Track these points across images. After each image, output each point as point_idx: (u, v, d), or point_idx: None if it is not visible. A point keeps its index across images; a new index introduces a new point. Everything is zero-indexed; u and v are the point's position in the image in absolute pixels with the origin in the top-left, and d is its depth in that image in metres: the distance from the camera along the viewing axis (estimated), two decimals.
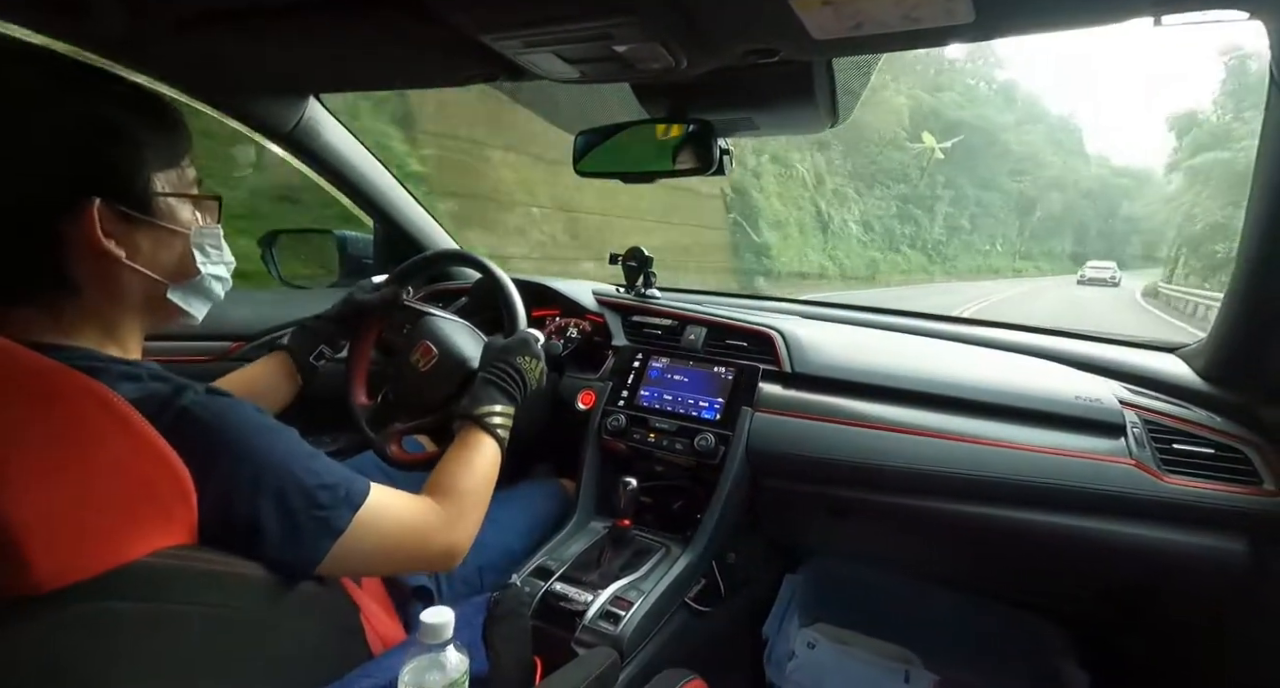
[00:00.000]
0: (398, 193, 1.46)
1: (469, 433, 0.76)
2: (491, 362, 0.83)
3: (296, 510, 0.55)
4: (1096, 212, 51.62)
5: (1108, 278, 26.14)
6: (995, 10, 0.58)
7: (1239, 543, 0.84)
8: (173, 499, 0.50)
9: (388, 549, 0.62)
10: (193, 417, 0.53)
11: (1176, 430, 0.91)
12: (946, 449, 0.96)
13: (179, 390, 0.54)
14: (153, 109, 0.58)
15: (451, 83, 0.97)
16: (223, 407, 0.55)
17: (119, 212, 0.53)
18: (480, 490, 0.73)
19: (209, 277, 0.62)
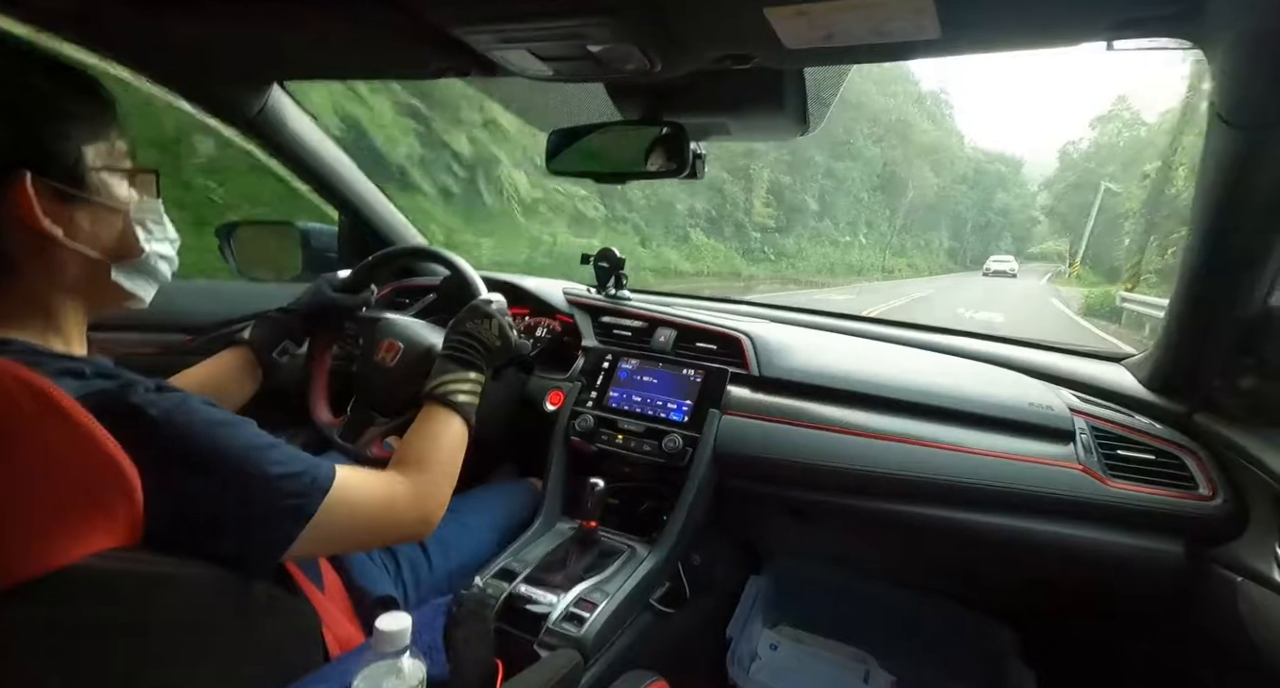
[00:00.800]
0: (363, 185, 1.43)
1: (428, 409, 0.76)
2: (447, 337, 0.83)
3: (261, 502, 0.54)
4: (973, 200, 44.43)
5: (1009, 271, 29.70)
6: (959, 29, 0.60)
7: (1176, 544, 0.88)
8: (116, 498, 0.47)
9: (359, 527, 0.62)
10: (143, 415, 0.50)
11: (1121, 437, 0.95)
12: (906, 453, 0.98)
13: (127, 387, 0.51)
14: (73, 79, 0.55)
15: (423, 76, 0.95)
16: (174, 403, 0.52)
17: (52, 188, 0.51)
18: (447, 461, 0.73)
19: (154, 255, 0.60)
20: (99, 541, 0.46)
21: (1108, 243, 25.33)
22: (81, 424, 0.46)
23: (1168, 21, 0.57)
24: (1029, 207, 51.36)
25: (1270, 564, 0.75)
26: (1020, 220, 51.38)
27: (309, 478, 0.57)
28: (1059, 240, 44.12)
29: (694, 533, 1.06)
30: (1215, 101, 0.64)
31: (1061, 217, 41.10)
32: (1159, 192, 19.10)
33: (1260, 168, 0.67)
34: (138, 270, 0.60)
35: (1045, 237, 49.76)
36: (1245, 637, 0.77)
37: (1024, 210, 50.71)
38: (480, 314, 0.85)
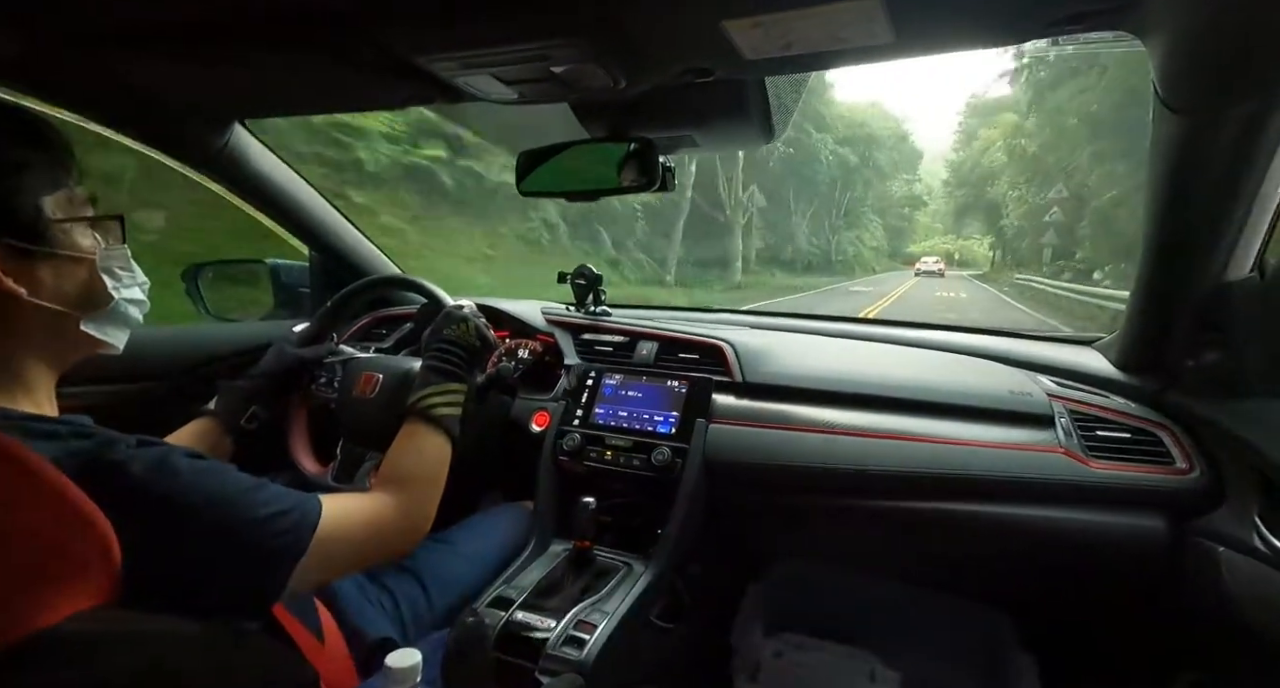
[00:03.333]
0: (334, 219, 1.41)
1: (410, 425, 0.76)
2: (426, 348, 0.83)
3: (253, 545, 0.53)
4: (878, 193, 35.53)
5: (938, 271, 29.33)
6: (911, 32, 0.62)
7: (1158, 520, 0.90)
8: (92, 559, 0.46)
9: (350, 555, 0.63)
10: (125, 472, 0.49)
11: (1098, 419, 0.98)
12: (893, 449, 0.99)
13: (106, 445, 0.50)
14: (26, 127, 0.53)
15: (388, 106, 0.95)
16: (157, 457, 0.51)
17: (10, 245, 0.49)
18: (429, 474, 0.73)
19: (123, 302, 0.59)
20: (75, 602, 0.44)
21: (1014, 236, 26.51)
22: (52, 485, 0.44)
23: (1109, 15, 0.59)
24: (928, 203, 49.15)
25: (1249, 532, 0.77)
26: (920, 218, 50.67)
27: (298, 514, 0.56)
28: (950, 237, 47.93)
29: (689, 545, 1.06)
30: (1158, 89, 0.67)
31: (975, 214, 37.69)
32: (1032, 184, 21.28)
33: (1204, 150, 0.70)
34: (108, 319, 0.58)
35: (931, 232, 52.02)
36: (1230, 605, 0.78)
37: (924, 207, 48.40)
38: (455, 319, 0.85)
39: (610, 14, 0.60)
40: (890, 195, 39.04)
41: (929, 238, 53.64)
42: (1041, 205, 20.15)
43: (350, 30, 0.64)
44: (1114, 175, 14.89)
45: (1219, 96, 0.64)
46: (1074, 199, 17.84)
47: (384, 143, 8.61)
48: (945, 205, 44.96)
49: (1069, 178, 18.46)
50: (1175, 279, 0.87)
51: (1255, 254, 0.79)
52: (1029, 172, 22.81)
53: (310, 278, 1.49)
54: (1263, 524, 0.76)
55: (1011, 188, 25.98)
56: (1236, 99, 0.63)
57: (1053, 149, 20.45)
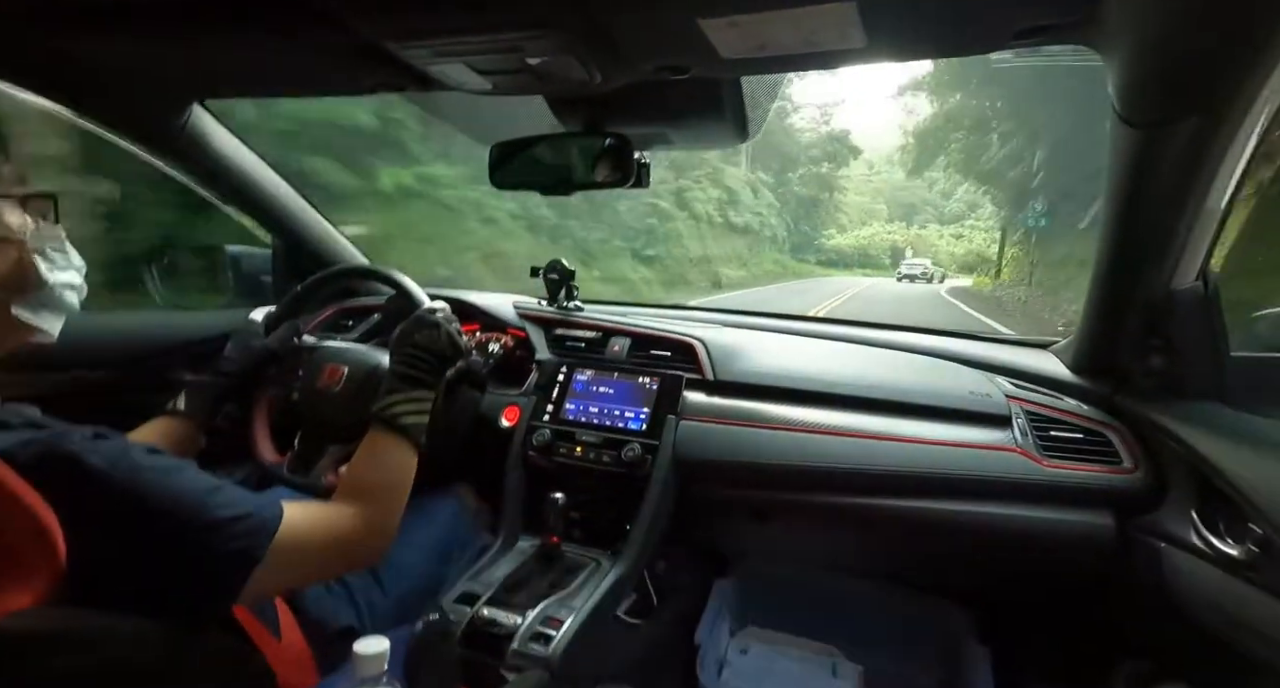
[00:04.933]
0: (298, 206, 1.37)
1: (374, 434, 0.73)
2: (393, 352, 0.80)
3: (210, 548, 0.51)
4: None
5: (920, 273, 23.04)
6: (883, 38, 0.63)
7: (1106, 517, 0.94)
8: (34, 555, 0.44)
9: (308, 562, 0.61)
10: (81, 464, 0.47)
11: (1052, 419, 1.01)
12: (859, 447, 1.01)
13: (62, 437, 0.48)
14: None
15: (355, 91, 0.93)
16: (116, 451, 0.50)
17: None
18: (394, 485, 0.71)
19: (58, 286, 0.56)
20: (15, 600, 0.42)
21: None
22: None
23: (1070, 29, 0.61)
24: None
25: (1188, 530, 0.81)
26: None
27: (257, 520, 0.55)
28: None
29: (658, 541, 1.06)
30: (1114, 103, 0.70)
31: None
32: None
33: (1158, 163, 0.73)
34: (40, 303, 0.56)
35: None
36: (1170, 598, 0.82)
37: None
38: (427, 324, 0.82)
39: (587, 8, 0.59)
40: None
41: (865, 226, 36.81)
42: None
43: (317, 11, 0.62)
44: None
45: (1169, 111, 0.67)
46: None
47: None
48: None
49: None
50: (1126, 286, 0.90)
51: (1199, 263, 0.83)
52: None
53: (273, 266, 1.44)
54: (1199, 522, 0.80)
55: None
56: (1184, 114, 0.66)
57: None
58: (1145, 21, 0.57)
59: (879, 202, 41.25)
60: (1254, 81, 0.60)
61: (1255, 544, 0.68)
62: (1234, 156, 0.69)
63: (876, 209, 40.73)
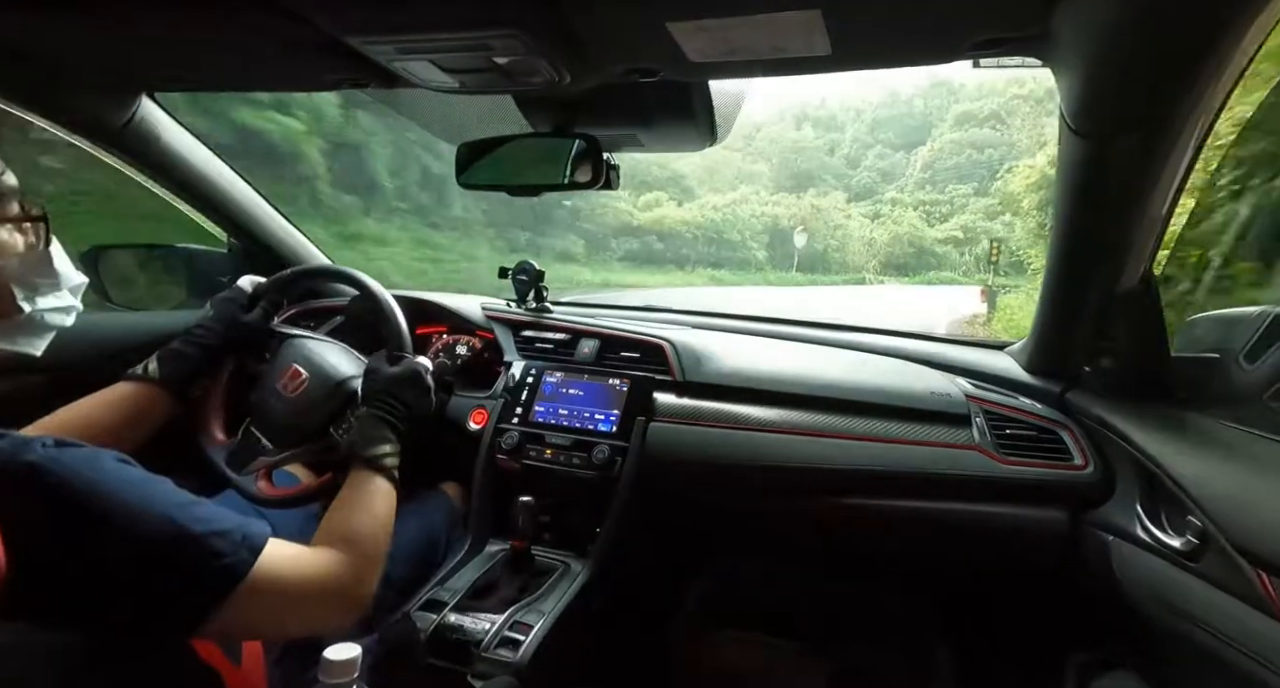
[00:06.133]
0: (256, 204, 1.33)
1: (363, 475, 0.71)
2: (380, 394, 0.78)
3: (189, 562, 0.48)
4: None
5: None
6: (847, 48, 0.65)
7: (1060, 512, 0.97)
8: None
9: (292, 602, 0.55)
10: (43, 473, 0.45)
11: (1008, 418, 1.05)
12: (826, 446, 1.03)
13: (21, 445, 0.46)
14: None
15: (316, 87, 0.90)
16: (80, 460, 0.47)
17: None
18: (383, 536, 0.68)
19: (41, 312, 0.53)
20: None
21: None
22: None
23: (1022, 43, 0.64)
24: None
25: (1134, 523, 0.84)
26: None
27: (240, 535, 0.52)
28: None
29: (628, 542, 1.06)
30: (1064, 114, 0.73)
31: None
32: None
33: (1104, 172, 0.76)
34: (18, 330, 0.53)
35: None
36: (1118, 589, 0.86)
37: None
38: (423, 386, 0.81)
39: (556, 8, 0.59)
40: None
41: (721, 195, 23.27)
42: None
43: (276, 3, 0.60)
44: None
45: (1115, 124, 0.70)
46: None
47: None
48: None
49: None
50: (1075, 288, 0.94)
51: (1143, 267, 0.87)
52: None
53: (230, 267, 1.39)
54: (1144, 515, 0.84)
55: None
56: (1129, 127, 0.69)
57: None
58: (1093, 40, 0.59)
59: (759, 162, 29.47)
60: (1192, 97, 0.64)
61: (1195, 536, 0.71)
62: (1173, 166, 0.73)
63: (755, 171, 28.45)
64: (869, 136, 18.94)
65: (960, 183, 16.81)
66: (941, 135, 19.15)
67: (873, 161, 20.02)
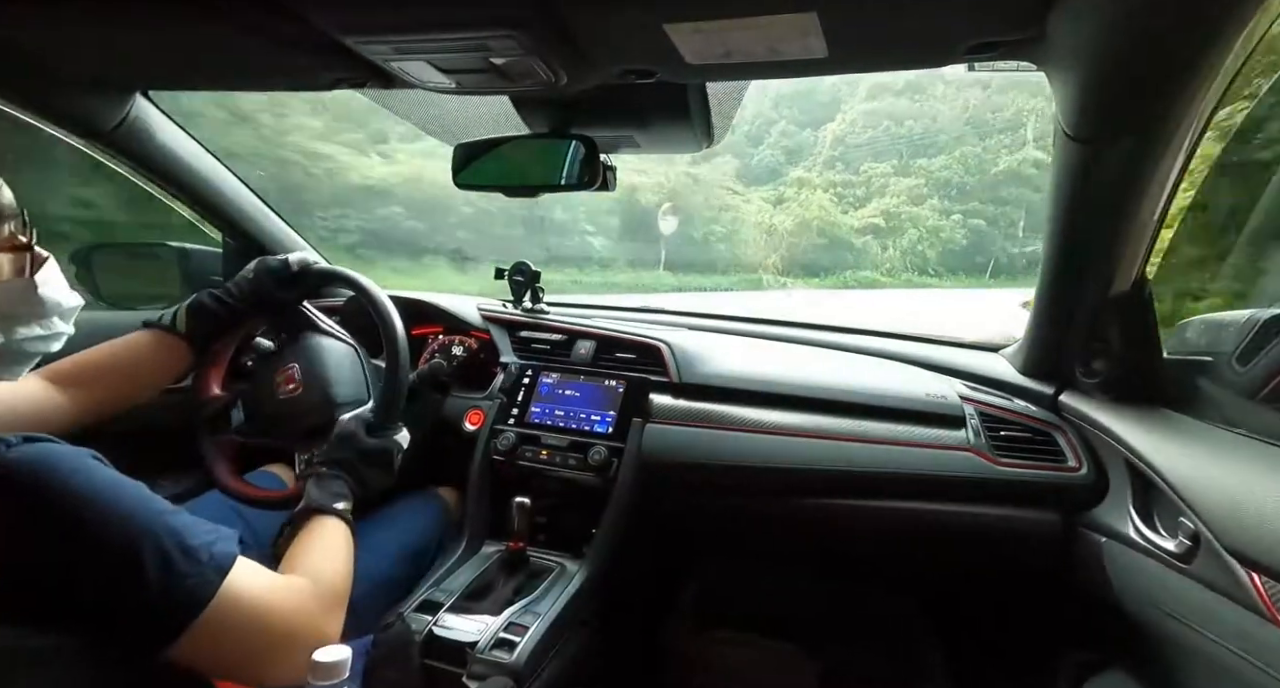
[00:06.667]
0: (251, 203, 1.32)
1: (318, 520, 0.70)
2: (345, 462, 0.77)
3: (152, 581, 0.47)
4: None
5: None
6: (843, 50, 0.65)
7: (1054, 513, 0.98)
8: None
9: (257, 630, 0.53)
10: (9, 474, 0.44)
11: (1002, 420, 1.05)
12: (821, 448, 1.03)
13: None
14: None
15: (312, 87, 0.90)
16: (50, 460, 0.46)
17: None
18: (345, 576, 0.67)
19: (20, 341, 0.52)
20: None
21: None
22: None
23: (1018, 47, 0.64)
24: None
25: (1127, 525, 0.85)
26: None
27: (207, 554, 0.51)
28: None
29: (623, 544, 1.06)
30: (1058, 118, 0.73)
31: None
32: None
33: (1097, 175, 0.77)
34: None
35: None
36: (1111, 590, 0.87)
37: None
38: (388, 467, 0.81)
39: (553, 9, 0.59)
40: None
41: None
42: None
43: (278, 3, 0.60)
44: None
45: (1109, 128, 0.70)
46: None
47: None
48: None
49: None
50: (1069, 291, 0.95)
51: (1136, 271, 0.88)
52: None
53: (224, 265, 1.38)
54: (1137, 517, 0.84)
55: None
56: (1123, 132, 0.70)
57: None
58: (1089, 44, 0.60)
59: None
60: (1185, 103, 0.65)
61: (1187, 537, 0.72)
62: (1165, 171, 0.74)
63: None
64: (773, 112, 15.98)
65: (877, 161, 13.64)
66: (853, 107, 16.03)
67: (776, 139, 16.30)
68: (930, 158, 12.78)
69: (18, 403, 0.66)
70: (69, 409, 0.71)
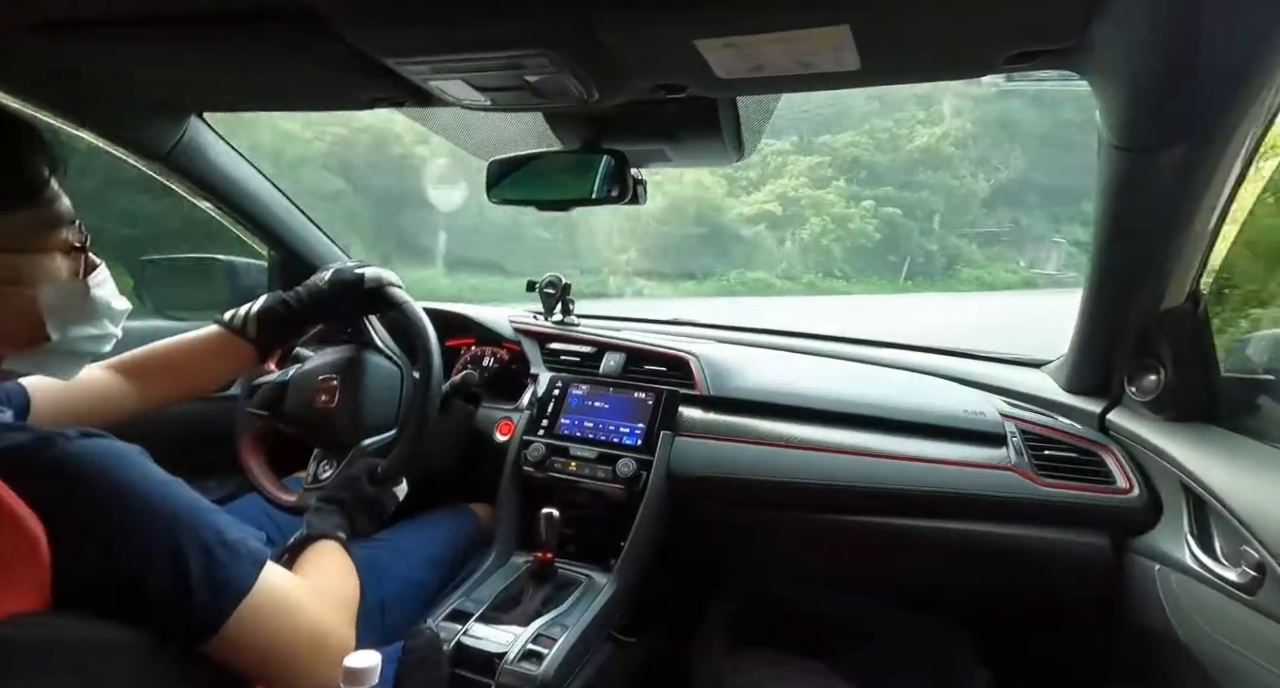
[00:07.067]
0: (296, 220, 1.37)
1: (320, 543, 0.72)
2: (344, 504, 0.79)
3: (194, 571, 0.49)
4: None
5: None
6: (876, 62, 0.64)
7: (1102, 538, 0.93)
8: (18, 561, 0.43)
9: (291, 627, 0.55)
10: (67, 466, 0.46)
11: (1046, 439, 1.01)
12: (854, 464, 1.01)
13: (46, 440, 0.47)
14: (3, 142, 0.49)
15: (354, 106, 0.93)
16: (104, 454, 0.48)
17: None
18: (353, 592, 0.69)
19: (71, 340, 0.54)
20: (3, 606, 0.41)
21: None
22: None
23: (1061, 56, 0.62)
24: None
25: (1182, 550, 0.80)
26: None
27: (244, 548, 0.53)
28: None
29: (652, 557, 1.05)
30: (1102, 128, 0.71)
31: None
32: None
33: (1144, 186, 0.74)
34: (46, 358, 0.54)
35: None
36: (1166, 620, 0.82)
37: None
38: (378, 516, 0.83)
39: (585, 27, 0.60)
40: None
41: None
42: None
43: (319, 26, 0.62)
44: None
45: (1157, 137, 0.68)
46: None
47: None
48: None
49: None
50: (1117, 306, 0.91)
51: (1189, 284, 0.84)
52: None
53: (269, 279, 1.44)
54: (1195, 543, 0.80)
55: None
56: (1173, 140, 0.67)
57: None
58: (1135, 52, 0.58)
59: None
60: (1239, 109, 0.62)
61: (1251, 567, 0.68)
62: (1220, 180, 0.70)
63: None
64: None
65: (775, 137, 10.41)
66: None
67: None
68: (835, 134, 10.40)
69: (84, 389, 0.71)
70: (132, 397, 0.76)
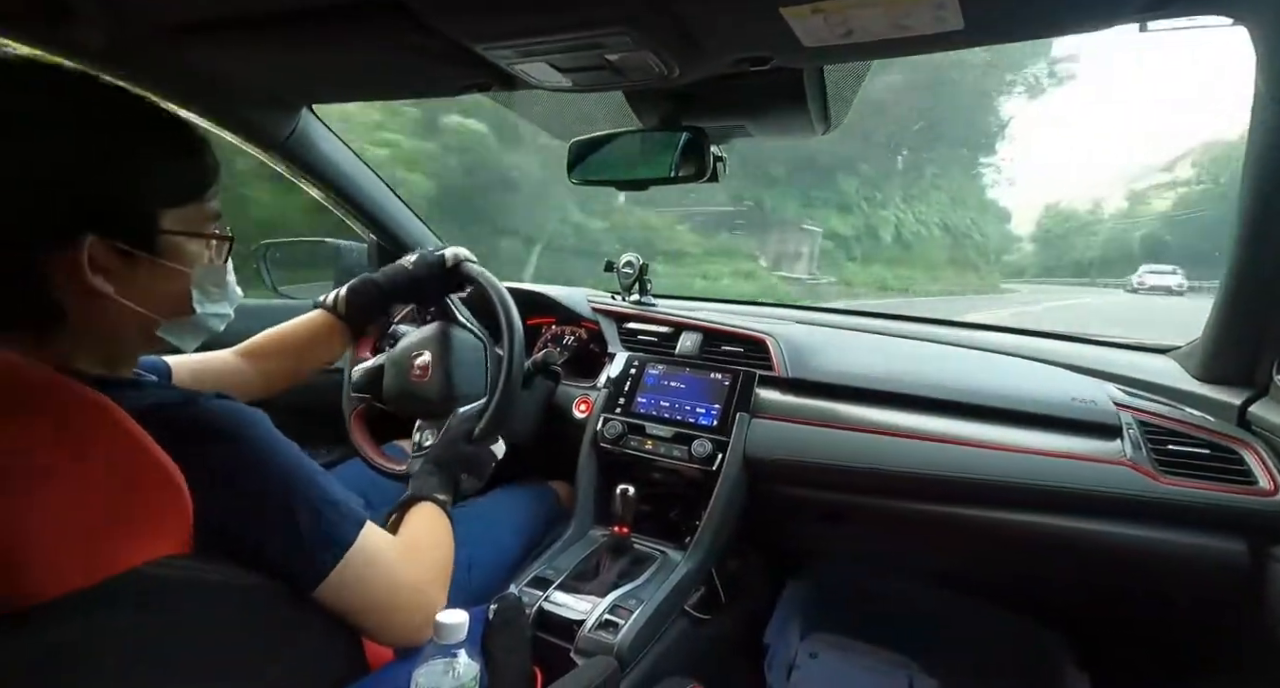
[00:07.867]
0: (395, 206, 1.46)
1: (423, 507, 0.78)
2: (448, 462, 0.86)
3: (304, 525, 0.55)
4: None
5: (1173, 286, 14.21)
6: (983, 18, 0.59)
7: (1238, 543, 0.84)
8: (166, 507, 0.49)
9: (389, 580, 0.61)
10: (204, 424, 0.52)
11: (1171, 432, 0.91)
12: (944, 453, 0.96)
13: (189, 399, 0.54)
14: (173, 136, 0.55)
15: (447, 92, 0.97)
16: (235, 416, 0.55)
17: (116, 248, 0.51)
18: (450, 558, 0.74)
19: (206, 315, 0.61)
20: (151, 548, 0.48)
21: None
22: (134, 434, 0.48)
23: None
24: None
25: None
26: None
27: (346, 509, 0.59)
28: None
29: (727, 538, 1.05)
30: (1259, 79, 0.62)
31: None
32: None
33: None
34: (186, 328, 0.60)
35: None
36: None
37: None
38: (483, 474, 0.90)
39: (664, 2, 0.59)
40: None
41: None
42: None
43: (415, 18, 0.65)
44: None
45: None
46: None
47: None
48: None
49: None
50: (1266, 285, 0.80)
51: None
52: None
53: (369, 260, 1.54)
54: None
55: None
56: None
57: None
58: None
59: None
60: None
61: None
62: None
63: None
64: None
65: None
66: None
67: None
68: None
69: (217, 369, 0.83)
70: (255, 381, 0.86)
